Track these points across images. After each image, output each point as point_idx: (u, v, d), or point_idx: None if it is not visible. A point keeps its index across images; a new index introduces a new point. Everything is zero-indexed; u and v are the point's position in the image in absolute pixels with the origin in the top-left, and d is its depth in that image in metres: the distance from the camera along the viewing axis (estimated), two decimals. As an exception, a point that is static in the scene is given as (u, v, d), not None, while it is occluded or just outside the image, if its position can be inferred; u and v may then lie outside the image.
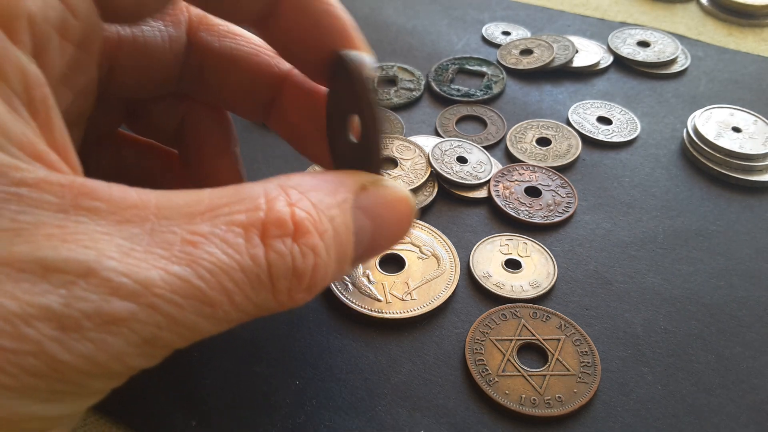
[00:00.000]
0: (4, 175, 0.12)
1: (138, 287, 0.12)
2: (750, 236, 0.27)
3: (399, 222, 0.17)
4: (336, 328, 0.23)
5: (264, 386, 0.21)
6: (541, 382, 0.21)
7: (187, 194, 0.13)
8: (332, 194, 0.15)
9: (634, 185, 0.29)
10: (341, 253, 0.15)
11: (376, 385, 0.21)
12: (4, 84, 0.12)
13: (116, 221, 0.12)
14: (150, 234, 0.12)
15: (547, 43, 0.38)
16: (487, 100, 0.35)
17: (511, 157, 0.31)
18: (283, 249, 0.14)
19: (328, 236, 0.14)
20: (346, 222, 0.15)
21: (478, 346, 0.22)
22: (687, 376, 0.22)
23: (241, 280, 0.13)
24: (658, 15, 0.43)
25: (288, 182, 0.15)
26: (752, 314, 0.24)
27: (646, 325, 0.23)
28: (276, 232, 0.14)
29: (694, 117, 0.32)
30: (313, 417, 0.20)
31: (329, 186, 0.15)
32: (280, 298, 0.14)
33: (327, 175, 0.16)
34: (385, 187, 0.17)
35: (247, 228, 0.13)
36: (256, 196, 0.14)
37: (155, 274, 0.12)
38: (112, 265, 0.12)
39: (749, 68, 0.37)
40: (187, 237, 0.13)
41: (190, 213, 0.13)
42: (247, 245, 0.13)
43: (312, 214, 0.14)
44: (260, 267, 0.13)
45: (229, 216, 0.13)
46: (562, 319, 0.23)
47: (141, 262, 0.12)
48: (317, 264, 0.14)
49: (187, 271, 0.12)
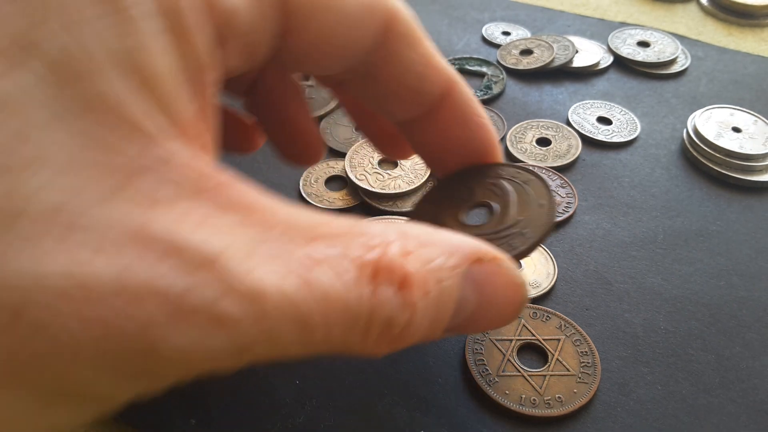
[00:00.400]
0: (156, 144, 0.12)
1: (252, 294, 0.11)
2: (750, 236, 0.27)
3: (505, 307, 0.16)
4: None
5: (264, 386, 0.21)
6: (541, 382, 0.21)
7: (310, 215, 0.13)
8: (447, 256, 0.14)
9: (634, 185, 0.29)
10: (437, 318, 0.14)
11: (376, 385, 0.21)
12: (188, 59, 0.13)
13: (244, 221, 0.12)
14: (272, 243, 0.12)
15: (547, 43, 0.38)
16: (487, 101, 0.35)
17: (511, 157, 0.31)
18: (387, 296, 0.13)
19: (430, 297, 0.14)
20: (452, 289, 0.14)
21: (478, 346, 0.22)
22: (687, 376, 0.22)
23: (342, 315, 0.12)
24: (658, 15, 0.43)
25: (407, 230, 0.14)
26: (752, 314, 0.24)
27: (646, 325, 0.23)
28: (384, 278, 0.13)
29: (694, 117, 0.32)
30: (313, 417, 0.20)
31: (446, 246, 0.15)
32: (367, 344, 0.13)
33: (446, 234, 0.15)
34: (501, 267, 0.16)
35: (361, 266, 0.13)
36: (376, 234, 0.14)
37: (270, 286, 0.11)
38: (235, 264, 0.11)
39: (749, 68, 0.37)
40: (304, 258, 0.12)
41: (311, 235, 0.13)
42: (356, 282, 0.13)
43: (421, 271, 0.14)
44: (362, 308, 0.13)
45: (346, 248, 0.13)
46: (562, 319, 0.23)
47: (259, 269, 0.12)
48: (411, 322, 0.14)
49: (298, 293, 0.12)
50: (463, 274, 0.15)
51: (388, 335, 0.14)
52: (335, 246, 0.13)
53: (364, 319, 0.13)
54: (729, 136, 0.31)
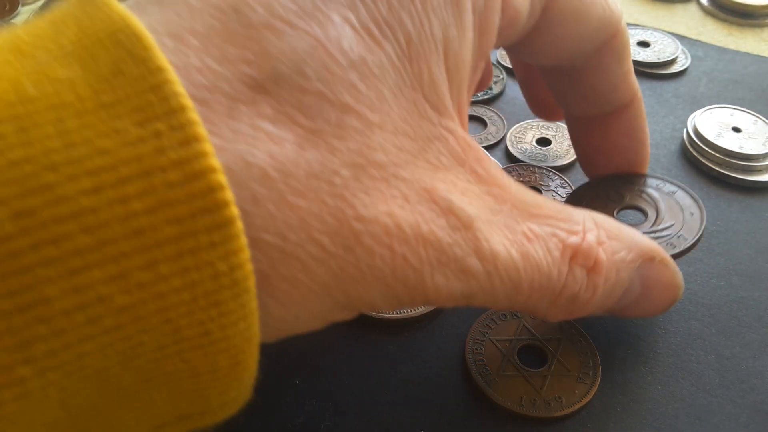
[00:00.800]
0: (447, 119, 0.14)
1: (490, 256, 0.14)
2: (750, 236, 0.27)
3: (661, 302, 0.19)
4: (336, 328, 0.23)
5: (264, 386, 0.21)
6: (541, 382, 0.21)
7: (532, 195, 0.16)
8: (628, 250, 0.17)
9: (634, 185, 0.29)
10: (607, 299, 0.17)
11: (376, 385, 0.21)
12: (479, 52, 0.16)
13: (487, 192, 0.15)
14: (504, 215, 0.15)
15: (547, 43, 0.38)
16: (487, 100, 0.35)
17: (511, 157, 0.31)
18: (580, 276, 0.16)
19: (609, 283, 0.16)
20: (625, 279, 0.17)
21: (478, 346, 0.22)
22: (687, 376, 0.22)
23: (544, 284, 0.15)
24: (658, 15, 0.43)
25: (601, 221, 0.17)
26: (752, 314, 0.24)
27: (646, 325, 0.23)
28: (580, 260, 0.16)
29: (694, 117, 0.32)
30: (313, 417, 0.20)
31: (629, 242, 0.17)
32: (550, 310, 0.16)
33: (630, 230, 0.18)
34: (668, 269, 0.18)
35: (566, 247, 0.15)
36: (578, 221, 0.16)
37: (502, 249, 0.14)
38: (483, 227, 0.14)
39: (749, 68, 0.37)
40: (526, 231, 0.15)
41: (532, 213, 0.15)
42: (560, 260, 0.15)
43: (608, 260, 0.16)
44: (559, 281, 0.15)
45: (556, 229, 0.15)
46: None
47: (495, 234, 0.14)
48: (590, 301, 0.16)
49: (519, 261, 0.14)
50: (637, 268, 0.17)
51: (569, 307, 0.16)
52: (548, 225, 0.15)
53: (558, 291, 0.16)
54: (729, 136, 0.31)
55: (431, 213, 0.13)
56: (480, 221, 0.14)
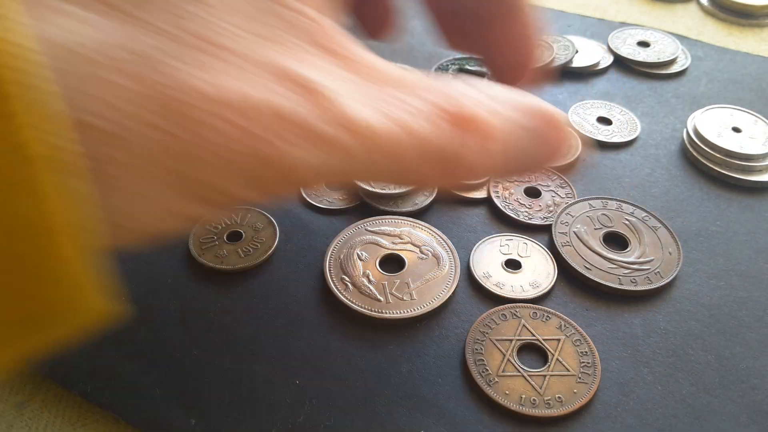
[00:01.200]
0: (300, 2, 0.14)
1: (363, 127, 0.13)
2: (750, 236, 0.27)
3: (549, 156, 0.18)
4: (336, 328, 0.23)
5: (264, 386, 0.21)
6: (541, 382, 0.21)
7: (397, 69, 0.15)
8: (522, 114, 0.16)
9: (634, 185, 0.29)
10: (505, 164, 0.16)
11: (376, 385, 0.21)
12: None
13: (348, 68, 0.14)
14: (374, 89, 0.14)
15: (547, 43, 0.38)
16: (487, 100, 0.35)
17: (511, 157, 0.31)
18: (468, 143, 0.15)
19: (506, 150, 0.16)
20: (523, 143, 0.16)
21: (478, 346, 0.22)
22: (687, 376, 0.22)
23: (433, 157, 0.15)
24: (658, 15, 0.43)
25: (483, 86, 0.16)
26: (752, 314, 0.24)
27: (646, 325, 0.23)
28: (473, 130, 0.15)
29: (694, 117, 0.32)
30: (313, 417, 0.20)
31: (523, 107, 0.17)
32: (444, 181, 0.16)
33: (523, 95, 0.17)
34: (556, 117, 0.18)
35: (450, 115, 0.15)
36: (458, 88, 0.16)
37: (376, 122, 0.14)
38: (347, 101, 0.13)
39: (749, 68, 0.37)
40: (404, 104, 0.14)
41: (406, 85, 0.15)
42: (447, 128, 0.15)
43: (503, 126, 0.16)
44: (450, 153, 0.15)
45: (436, 97, 0.15)
46: (561, 320, 0.23)
47: (365, 108, 0.14)
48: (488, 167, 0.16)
49: (399, 131, 0.14)
50: (533, 131, 0.17)
51: (463, 175, 0.16)
52: (426, 95, 0.15)
53: (452, 162, 0.15)
54: (729, 136, 0.31)
55: (282, 88, 0.13)
56: (342, 95, 0.13)
